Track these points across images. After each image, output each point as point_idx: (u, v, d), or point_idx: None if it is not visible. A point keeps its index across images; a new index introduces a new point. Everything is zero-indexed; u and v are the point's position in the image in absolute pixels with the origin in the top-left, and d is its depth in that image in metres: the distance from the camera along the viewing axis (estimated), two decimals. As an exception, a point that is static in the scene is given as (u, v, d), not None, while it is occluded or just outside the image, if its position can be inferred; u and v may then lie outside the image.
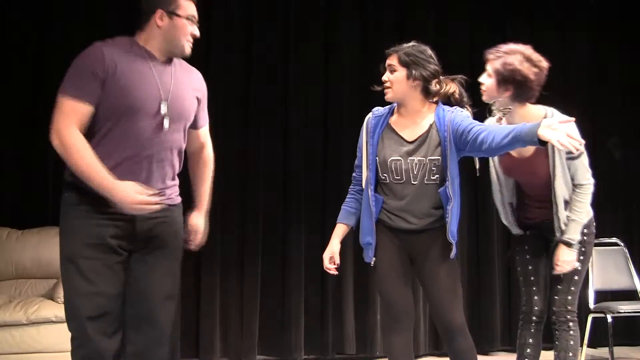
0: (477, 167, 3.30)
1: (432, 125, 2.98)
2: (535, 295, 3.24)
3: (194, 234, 2.88)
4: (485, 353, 5.24)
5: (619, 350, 5.11)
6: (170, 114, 2.59)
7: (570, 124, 2.62)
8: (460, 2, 5.52)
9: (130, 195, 2.44)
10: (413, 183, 2.96)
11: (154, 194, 2.48)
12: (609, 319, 4.52)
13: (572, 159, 3.06)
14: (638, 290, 4.81)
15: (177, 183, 2.74)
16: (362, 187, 3.11)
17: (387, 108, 3.11)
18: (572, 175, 3.08)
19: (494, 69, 3.02)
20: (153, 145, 2.57)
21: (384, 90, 3.02)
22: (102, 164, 2.46)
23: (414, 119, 3.01)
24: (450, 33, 5.44)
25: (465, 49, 5.33)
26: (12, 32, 4.97)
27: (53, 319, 4.21)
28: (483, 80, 3.07)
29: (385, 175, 3.00)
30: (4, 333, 4.20)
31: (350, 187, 3.19)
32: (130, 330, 2.61)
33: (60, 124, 2.47)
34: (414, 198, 2.96)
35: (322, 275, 4.92)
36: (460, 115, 2.95)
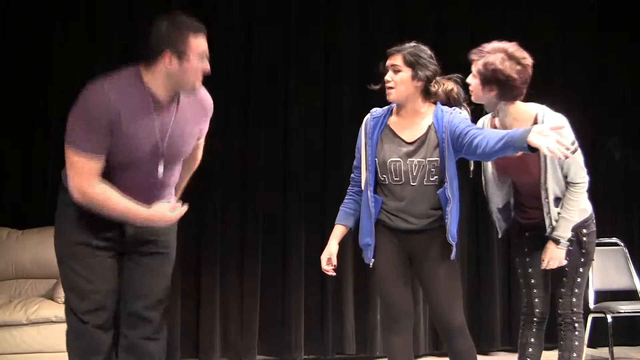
0: (471, 168, 3.29)
1: (430, 127, 2.97)
2: (536, 298, 3.23)
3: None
4: (485, 353, 5.24)
5: (619, 350, 5.10)
6: (166, 157, 2.60)
7: (565, 129, 2.62)
8: (460, 2, 5.52)
9: (166, 216, 2.53)
10: (412, 184, 2.96)
11: (182, 205, 2.56)
12: (609, 319, 4.52)
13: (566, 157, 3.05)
14: (638, 290, 4.81)
15: (173, 192, 2.78)
16: (360, 188, 3.10)
17: (385, 109, 3.09)
18: (565, 173, 3.05)
19: (477, 70, 2.99)
20: (149, 189, 2.60)
21: (386, 91, 3.00)
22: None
23: (413, 120, 3.01)
24: (450, 33, 5.43)
25: (465, 49, 5.31)
26: (12, 32, 4.96)
27: (53, 319, 4.22)
28: (469, 81, 3.03)
29: (385, 177, 2.99)
30: (4, 333, 4.20)
31: (349, 188, 3.18)
32: (124, 327, 2.67)
33: (82, 183, 2.46)
34: (413, 199, 2.96)
35: (322, 275, 4.86)
36: (458, 117, 2.94)
